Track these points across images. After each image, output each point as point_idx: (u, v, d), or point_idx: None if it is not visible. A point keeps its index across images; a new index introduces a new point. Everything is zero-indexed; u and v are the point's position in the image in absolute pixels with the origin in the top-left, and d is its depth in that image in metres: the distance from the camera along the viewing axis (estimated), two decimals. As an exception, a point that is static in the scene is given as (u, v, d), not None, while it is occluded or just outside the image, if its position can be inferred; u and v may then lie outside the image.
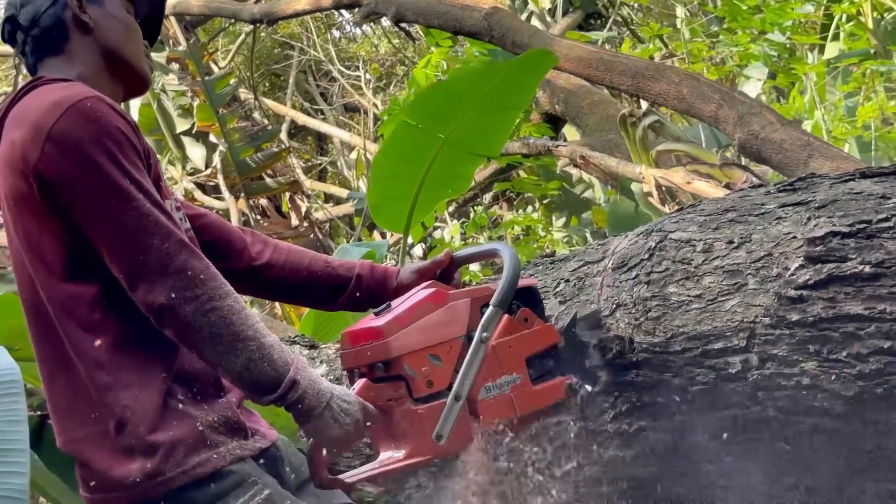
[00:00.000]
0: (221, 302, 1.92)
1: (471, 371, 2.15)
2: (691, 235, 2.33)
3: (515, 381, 2.21)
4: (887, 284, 1.96)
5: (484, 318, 2.19)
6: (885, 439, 1.99)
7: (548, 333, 2.29)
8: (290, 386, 1.95)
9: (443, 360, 2.16)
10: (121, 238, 1.92)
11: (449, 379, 2.15)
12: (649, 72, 5.42)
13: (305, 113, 14.77)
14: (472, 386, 2.15)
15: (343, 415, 2.02)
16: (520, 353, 2.22)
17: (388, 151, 4.35)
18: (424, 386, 2.13)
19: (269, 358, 1.95)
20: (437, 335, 2.17)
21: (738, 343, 2.14)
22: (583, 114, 7.45)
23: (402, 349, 2.14)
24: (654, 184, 4.88)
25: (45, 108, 1.93)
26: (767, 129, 4.66)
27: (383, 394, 2.13)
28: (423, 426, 2.11)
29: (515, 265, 2.24)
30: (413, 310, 2.19)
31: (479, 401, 2.16)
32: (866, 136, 6.70)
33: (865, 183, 2.16)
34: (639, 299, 2.34)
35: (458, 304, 2.22)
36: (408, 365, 2.13)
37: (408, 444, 2.13)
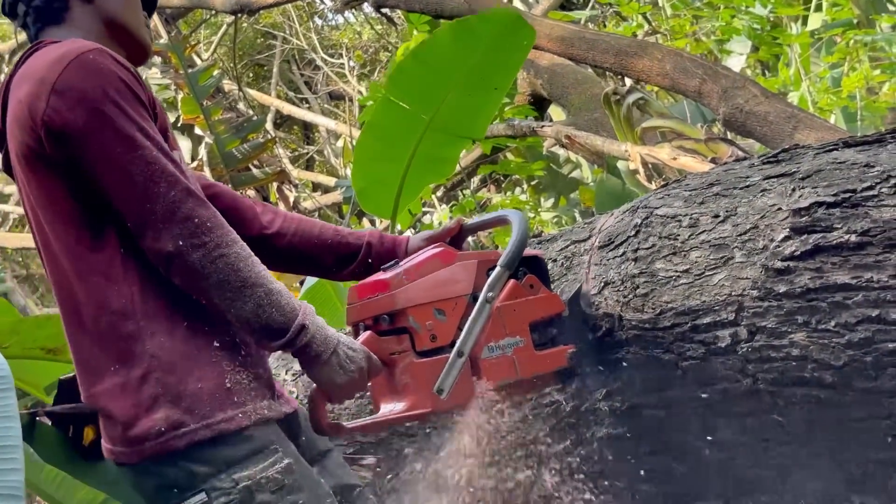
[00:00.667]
0: (229, 249, 1.94)
1: (475, 328, 2.18)
2: (677, 211, 2.32)
3: (518, 343, 2.23)
4: (873, 253, 1.95)
5: (490, 278, 2.22)
6: (875, 408, 1.99)
7: (553, 302, 2.31)
8: (299, 330, 1.97)
9: (447, 316, 2.19)
10: (128, 186, 1.93)
11: (452, 335, 2.18)
12: (632, 49, 5.41)
13: (290, 102, 14.74)
14: (476, 344, 2.17)
15: (348, 361, 2.04)
16: (524, 317, 2.25)
17: (371, 132, 4.33)
18: (428, 339, 2.16)
19: (278, 303, 1.96)
20: (443, 291, 2.20)
21: (726, 316, 2.14)
22: (567, 93, 7.44)
23: (408, 301, 2.17)
24: (641, 161, 4.88)
25: (48, 63, 1.95)
26: (752, 102, 4.66)
27: (387, 346, 2.15)
28: (424, 379, 2.13)
29: (524, 229, 2.28)
30: (421, 265, 2.22)
31: (482, 359, 2.18)
32: (852, 106, 6.71)
33: (849, 152, 2.15)
34: (626, 276, 2.33)
35: (466, 263, 2.25)
36: (413, 317, 2.16)
37: (408, 396, 2.14)
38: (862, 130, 6.40)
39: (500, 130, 6.80)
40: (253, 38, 15.97)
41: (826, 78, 7.17)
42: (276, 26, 15.26)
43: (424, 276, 2.20)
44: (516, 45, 4.15)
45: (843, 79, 6.82)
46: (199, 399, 1.96)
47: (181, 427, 1.94)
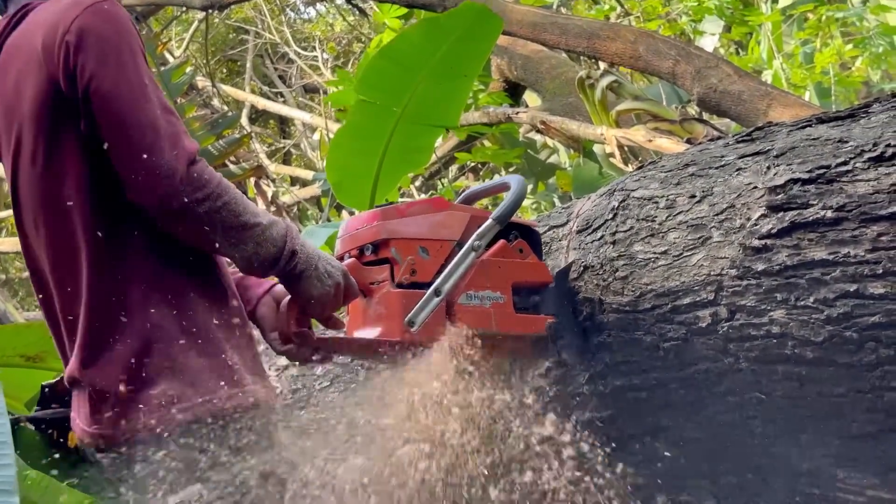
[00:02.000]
0: (227, 195, 1.97)
1: (456, 272, 2.21)
2: (653, 192, 2.32)
3: (498, 299, 2.25)
4: (849, 228, 1.96)
5: (480, 229, 2.26)
6: (856, 382, 2.00)
7: (540, 270, 2.35)
8: (290, 257, 2.03)
9: (431, 256, 2.22)
10: (134, 134, 1.92)
11: (433, 274, 2.21)
12: (604, 32, 5.41)
13: (265, 97, 14.68)
14: (454, 287, 2.20)
15: (326, 276, 2.08)
16: (508, 275, 2.28)
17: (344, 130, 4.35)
18: (408, 273, 2.19)
19: (270, 237, 2.01)
20: (431, 231, 2.25)
21: (706, 297, 2.14)
22: (542, 79, 7.44)
23: (393, 233, 2.21)
24: (616, 144, 4.89)
25: (60, 11, 1.97)
26: (725, 81, 4.67)
27: (368, 275, 2.20)
28: (397, 309, 2.16)
29: (521, 192, 2.33)
30: (412, 205, 2.28)
31: (458, 304, 2.20)
32: (825, 81, 6.73)
33: (822, 128, 2.16)
34: (605, 260, 2.33)
35: (458, 213, 2.30)
36: (395, 249, 2.20)
37: (380, 324, 2.17)
38: (836, 105, 6.43)
39: (475, 118, 6.80)
40: (225, 34, 15.90)
41: (798, 54, 7.20)
42: (247, 21, 15.19)
43: (414, 215, 2.24)
44: (483, 35, 4.16)
45: (815, 55, 6.85)
46: (200, 374, 1.98)
47: (181, 402, 1.95)
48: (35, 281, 2.13)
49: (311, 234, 4.68)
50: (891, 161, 1.95)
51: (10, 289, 13.76)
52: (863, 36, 6.93)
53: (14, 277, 13.92)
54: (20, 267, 14.36)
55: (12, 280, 13.93)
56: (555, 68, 7.45)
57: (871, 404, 2.00)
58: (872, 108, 2.13)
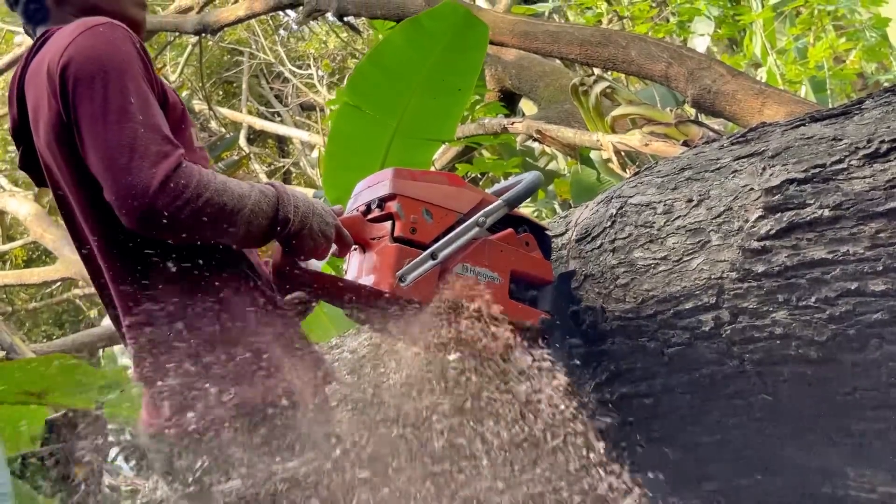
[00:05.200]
0: (208, 191, 1.95)
1: (456, 240, 2.21)
2: (651, 198, 2.32)
3: (494, 278, 2.24)
4: (847, 226, 1.96)
5: (488, 207, 2.25)
6: (862, 379, 1.99)
7: (543, 267, 2.34)
8: (283, 224, 2.04)
9: (434, 220, 2.22)
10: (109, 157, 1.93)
11: (433, 238, 2.20)
12: (595, 38, 5.41)
13: (262, 117, 14.71)
14: (451, 254, 2.20)
15: (319, 234, 2.10)
16: (508, 261, 2.27)
17: (337, 140, 4.33)
18: (408, 230, 2.18)
19: (261, 211, 2.02)
20: (438, 199, 2.24)
21: (708, 300, 2.14)
22: (536, 87, 7.45)
23: (401, 190, 2.21)
24: (613, 150, 4.88)
25: (66, 34, 2.02)
26: (719, 81, 4.67)
27: (369, 230, 2.20)
28: (391, 263, 2.15)
29: (534, 180, 2.33)
30: (427, 173, 2.29)
31: (452, 272, 2.20)
32: (820, 75, 6.72)
33: (816, 127, 2.15)
34: (606, 268, 2.33)
35: (470, 191, 2.29)
36: (399, 205, 2.19)
37: (373, 274, 2.16)
38: (832, 99, 6.42)
39: (471, 130, 6.80)
40: (219, 56, 15.93)
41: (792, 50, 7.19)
42: (241, 42, 15.23)
43: (427, 181, 2.25)
44: (471, 44, 4.14)
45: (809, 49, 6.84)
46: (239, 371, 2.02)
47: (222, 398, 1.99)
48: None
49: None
50: (886, 157, 1.95)
51: (16, 320, 13.77)
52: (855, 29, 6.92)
53: (20, 309, 13.92)
54: (25, 298, 14.37)
55: (18, 311, 13.93)
56: (548, 75, 7.46)
57: (878, 401, 2.00)
58: (865, 105, 2.13)
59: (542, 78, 7.43)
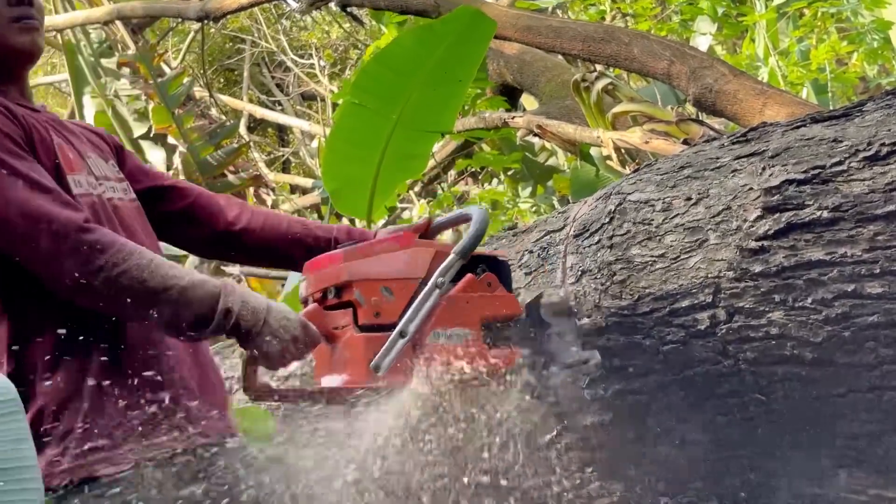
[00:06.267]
0: (127, 263, 1.90)
1: (420, 311, 2.13)
2: (650, 195, 2.32)
3: (466, 336, 2.17)
4: (846, 228, 1.96)
5: (443, 265, 2.17)
6: (856, 381, 2.00)
7: (509, 303, 2.26)
8: (224, 315, 1.95)
9: (395, 296, 2.14)
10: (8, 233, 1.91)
11: (398, 315, 2.13)
12: (598, 34, 5.40)
13: (263, 105, 14.69)
14: (420, 327, 2.12)
15: (282, 330, 2.01)
16: (476, 311, 2.19)
17: (338, 134, 4.33)
18: (372, 315, 2.11)
19: (194, 297, 1.94)
20: (394, 270, 2.16)
21: (704, 299, 2.14)
22: (537, 82, 7.44)
23: (355, 275, 2.13)
24: (613, 146, 4.88)
25: None
26: (720, 81, 4.66)
27: (331, 320, 2.12)
28: (362, 354, 2.08)
29: (482, 224, 2.24)
30: (376, 245, 2.20)
31: (425, 344, 2.13)
32: (822, 78, 6.72)
33: (817, 128, 2.16)
34: (603, 264, 2.33)
35: (422, 249, 2.21)
36: (358, 291, 2.12)
37: (346, 370, 2.10)
38: (833, 102, 6.42)
39: (472, 123, 6.79)
40: (221, 44, 15.92)
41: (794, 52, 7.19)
42: (243, 30, 15.21)
43: (378, 254, 2.17)
44: (476, 38, 4.14)
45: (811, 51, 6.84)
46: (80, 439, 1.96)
47: (57, 466, 1.94)
48: None
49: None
50: (886, 160, 1.96)
51: None
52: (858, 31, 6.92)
53: None
54: None
55: None
56: (550, 70, 7.45)
57: (871, 404, 2.01)
58: (866, 107, 2.13)
59: (544, 73, 7.42)
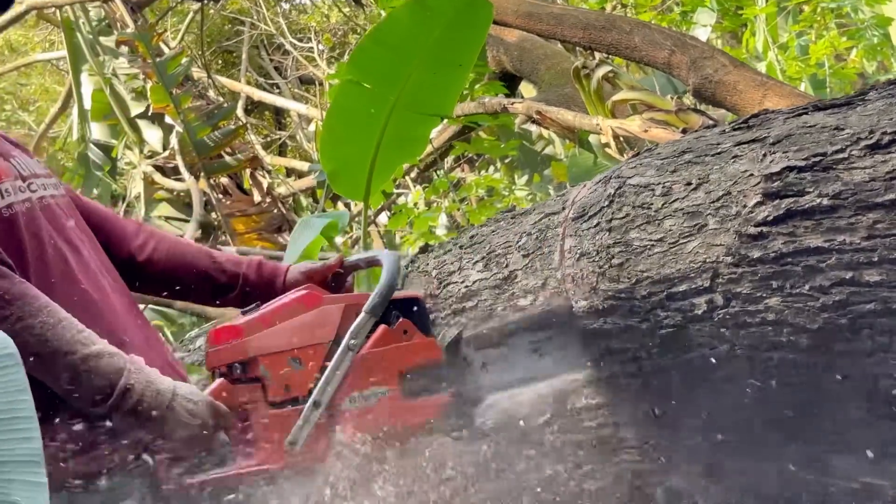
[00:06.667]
0: (32, 320, 1.85)
1: (334, 378, 2.07)
2: (650, 180, 2.32)
3: (385, 393, 2.12)
4: (845, 216, 1.96)
5: (353, 326, 2.11)
6: (852, 369, 2.00)
7: (429, 348, 2.21)
8: (123, 393, 1.89)
9: (305, 365, 2.08)
10: None
11: (309, 385, 2.07)
12: (599, 23, 5.40)
13: (260, 88, 14.65)
14: (334, 394, 2.07)
15: (189, 416, 1.95)
16: (393, 365, 2.14)
17: (336, 115, 4.30)
18: (282, 390, 2.06)
19: (96, 368, 1.88)
20: (302, 338, 2.10)
21: (701, 284, 2.15)
22: (537, 69, 7.43)
23: (260, 350, 2.06)
24: (612, 134, 4.88)
25: None
26: (721, 71, 4.66)
27: (238, 396, 2.05)
28: (275, 432, 2.02)
29: (393, 272, 2.18)
30: (279, 310, 2.12)
31: (342, 410, 2.07)
32: (820, 73, 6.73)
33: (819, 115, 2.16)
34: (601, 247, 2.33)
35: (330, 308, 2.14)
36: (264, 366, 2.05)
37: (259, 451, 2.03)
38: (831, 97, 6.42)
39: (471, 109, 6.78)
40: (220, 25, 15.86)
41: (794, 46, 7.19)
42: (243, 12, 15.17)
43: (283, 321, 2.09)
44: (475, 21, 4.11)
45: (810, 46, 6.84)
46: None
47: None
48: None
49: (306, 224, 4.66)
50: (887, 149, 1.95)
51: None
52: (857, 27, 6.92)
53: None
54: None
55: None
56: (549, 58, 7.44)
57: (865, 392, 2.01)
58: (869, 96, 2.13)
59: (544, 61, 7.41)
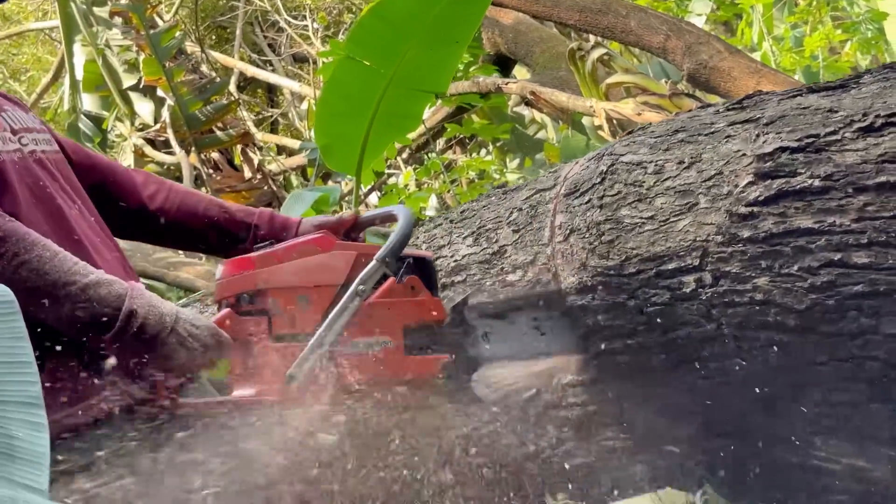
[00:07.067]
0: (28, 255, 1.85)
1: (338, 320, 2.08)
2: (642, 158, 2.32)
3: (387, 344, 2.13)
4: (836, 197, 1.97)
5: (364, 272, 2.12)
6: (837, 351, 2.01)
7: (434, 308, 2.21)
8: (128, 318, 1.89)
9: (312, 304, 2.09)
10: None
11: (315, 324, 2.08)
12: (596, 6, 5.40)
13: (254, 65, 14.60)
14: (337, 336, 2.07)
15: (191, 339, 1.96)
16: (398, 318, 2.15)
17: (333, 89, 4.30)
18: (286, 325, 2.07)
19: (97, 296, 1.88)
20: (312, 278, 2.11)
21: (691, 262, 2.15)
22: (532, 52, 7.42)
23: (271, 283, 2.08)
24: (605, 117, 4.89)
25: None
26: (716, 58, 4.67)
27: (243, 327, 2.06)
28: (276, 365, 2.03)
29: (408, 226, 2.19)
30: (293, 248, 2.13)
31: (343, 354, 2.08)
32: (814, 66, 6.74)
33: (812, 98, 2.16)
34: (592, 223, 2.34)
35: (343, 252, 2.15)
36: (273, 300, 2.07)
37: (259, 381, 2.05)
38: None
39: (465, 88, 6.78)
40: (215, 0, 15.80)
41: (788, 38, 7.20)
42: (238, -12, 15.10)
43: (295, 259, 2.10)
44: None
45: (805, 38, 6.85)
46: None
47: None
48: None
49: (297, 197, 4.66)
50: (880, 132, 1.96)
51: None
52: (852, 21, 6.94)
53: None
54: None
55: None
56: (544, 41, 7.44)
57: (850, 373, 2.02)
58: (863, 79, 2.14)
59: (539, 44, 7.41)
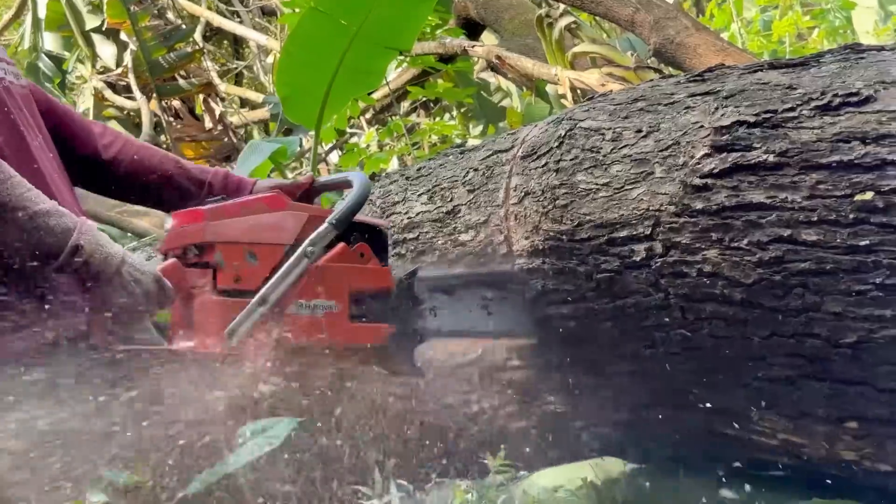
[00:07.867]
0: None
1: (285, 280, 2.08)
2: (601, 124, 2.32)
3: (332, 308, 2.12)
4: (789, 174, 1.97)
5: (314, 234, 2.12)
6: (780, 326, 2.02)
7: (382, 276, 2.21)
8: (73, 251, 1.89)
9: (259, 261, 2.08)
10: None
11: (260, 281, 2.07)
12: (567, -26, 5.38)
13: (221, 15, 14.42)
14: (283, 296, 2.07)
15: (133, 283, 1.96)
16: (345, 282, 2.15)
17: (296, 41, 4.26)
18: (232, 280, 2.06)
19: (45, 225, 1.87)
20: (261, 235, 2.10)
21: (643, 231, 2.15)
22: (501, 18, 7.40)
23: (218, 236, 2.06)
24: (569, 86, 4.88)
25: None
26: (683, 33, 4.67)
27: (188, 278, 2.05)
28: (217, 319, 2.03)
29: (362, 192, 2.18)
30: (244, 204, 2.12)
31: (286, 314, 2.07)
32: (781, 51, 6.77)
33: (773, 73, 2.16)
34: (547, 187, 2.33)
35: (294, 213, 2.14)
36: (220, 253, 2.06)
37: (199, 334, 2.04)
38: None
39: (431, 48, 6.74)
40: (185, -53, 15.57)
41: (757, 21, 7.23)
42: (209, -65, 14.89)
43: (245, 216, 2.09)
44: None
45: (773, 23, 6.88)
46: None
47: None
48: None
49: (254, 148, 4.62)
50: (836, 111, 1.97)
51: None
52: (822, 8, 6.97)
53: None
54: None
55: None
56: (514, 8, 7.41)
57: (792, 349, 2.03)
58: (824, 59, 2.14)
59: (508, 10, 7.38)
